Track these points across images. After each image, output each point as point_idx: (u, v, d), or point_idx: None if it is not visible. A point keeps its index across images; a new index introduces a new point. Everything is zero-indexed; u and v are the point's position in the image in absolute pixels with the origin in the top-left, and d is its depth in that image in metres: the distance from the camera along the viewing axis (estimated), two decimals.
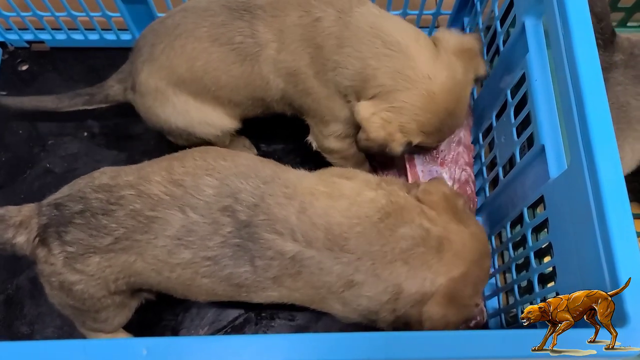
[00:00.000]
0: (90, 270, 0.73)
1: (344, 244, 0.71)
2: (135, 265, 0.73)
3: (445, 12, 1.13)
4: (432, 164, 1.00)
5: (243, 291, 0.75)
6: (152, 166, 0.77)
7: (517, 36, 0.83)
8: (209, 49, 0.86)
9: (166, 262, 0.72)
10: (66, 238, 0.72)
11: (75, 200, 0.74)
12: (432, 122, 0.83)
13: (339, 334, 0.52)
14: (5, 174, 1.08)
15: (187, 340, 0.53)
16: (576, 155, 0.63)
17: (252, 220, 0.71)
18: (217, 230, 0.71)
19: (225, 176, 0.74)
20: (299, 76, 0.86)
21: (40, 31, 1.16)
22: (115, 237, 0.71)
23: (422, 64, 0.81)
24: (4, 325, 0.97)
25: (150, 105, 0.92)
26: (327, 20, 0.83)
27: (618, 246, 0.56)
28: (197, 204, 0.72)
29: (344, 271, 0.71)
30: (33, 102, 1.04)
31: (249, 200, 0.72)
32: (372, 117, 0.82)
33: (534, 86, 0.77)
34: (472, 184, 1.01)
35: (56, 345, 0.51)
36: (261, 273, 0.72)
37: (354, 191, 0.76)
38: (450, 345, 0.53)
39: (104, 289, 0.75)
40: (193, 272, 0.72)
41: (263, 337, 0.53)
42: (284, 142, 1.11)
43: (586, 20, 0.65)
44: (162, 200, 0.72)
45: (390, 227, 0.72)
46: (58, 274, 0.73)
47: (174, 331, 0.98)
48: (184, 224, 0.71)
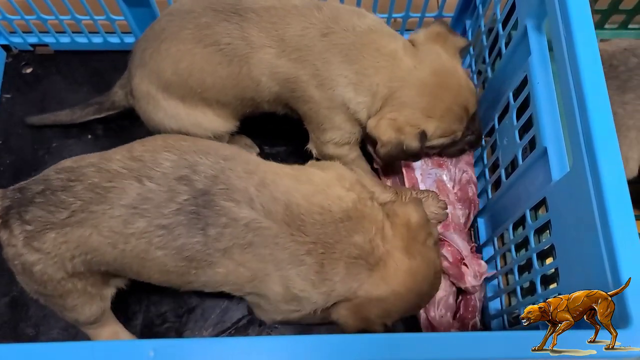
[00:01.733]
0: (46, 248, 0.73)
1: (300, 224, 0.73)
2: (91, 240, 0.73)
3: (448, 15, 1.14)
4: (432, 166, 1.00)
5: (193, 267, 0.75)
6: (116, 149, 0.78)
7: (519, 39, 0.83)
8: (193, 50, 0.87)
9: (121, 233, 0.72)
10: (26, 217, 0.73)
11: (38, 182, 0.75)
12: (435, 104, 0.86)
13: (342, 335, 0.53)
14: (9, 177, 1.09)
15: (193, 342, 0.54)
16: (578, 158, 0.63)
17: (210, 189, 0.72)
18: (172, 197, 0.72)
19: (185, 152, 0.75)
20: (298, 84, 0.87)
21: (44, 34, 1.16)
22: (72, 211, 0.72)
23: (406, 61, 0.85)
24: (9, 327, 0.98)
25: (145, 110, 0.94)
26: (334, 36, 0.84)
27: (620, 248, 0.56)
28: (154, 175, 0.73)
29: (298, 250, 0.73)
30: (51, 117, 1.10)
31: (207, 172, 0.73)
32: (379, 122, 0.85)
33: (536, 89, 0.77)
34: (473, 185, 1.01)
35: (64, 347, 0.51)
36: (212, 244, 0.72)
37: (324, 182, 0.78)
38: (452, 346, 0.53)
39: (61, 269, 0.75)
40: (147, 242, 0.72)
41: (269, 338, 0.53)
42: (287, 144, 1.11)
43: (588, 23, 0.66)
44: (119, 173, 0.73)
45: (347, 229, 0.74)
46: (19, 255, 0.74)
47: (177, 333, 0.98)
48: (139, 192, 0.72)
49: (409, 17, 1.12)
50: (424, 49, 0.87)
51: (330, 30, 0.84)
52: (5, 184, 1.07)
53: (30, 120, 1.11)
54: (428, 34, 0.89)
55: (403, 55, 0.86)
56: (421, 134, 0.85)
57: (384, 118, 0.85)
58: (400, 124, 0.85)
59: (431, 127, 0.86)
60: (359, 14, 0.87)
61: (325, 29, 0.84)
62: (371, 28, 0.86)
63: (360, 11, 0.88)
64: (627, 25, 1.21)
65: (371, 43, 0.85)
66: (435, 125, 0.87)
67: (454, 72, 0.88)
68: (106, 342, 0.52)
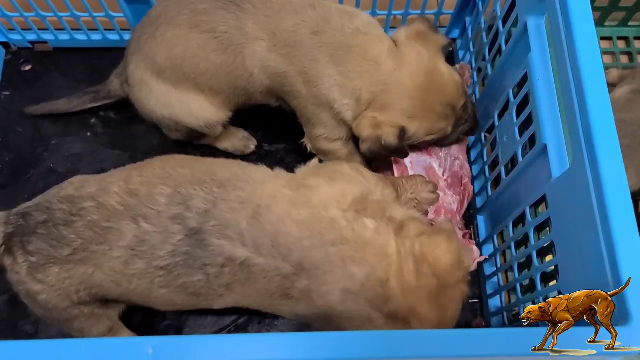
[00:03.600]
0: (50, 281, 0.73)
1: (286, 254, 0.69)
2: (94, 277, 0.73)
3: (447, 12, 1.14)
4: (421, 154, 1.00)
5: (202, 299, 0.74)
6: (114, 176, 0.76)
7: (519, 36, 0.83)
8: (188, 36, 0.87)
9: (123, 274, 0.72)
10: (29, 248, 0.72)
11: (41, 210, 0.74)
12: (416, 105, 0.86)
13: (343, 332, 0.52)
14: (9, 174, 1.09)
15: (193, 339, 0.53)
16: (578, 155, 0.63)
17: (202, 227, 0.70)
18: (167, 239, 0.70)
19: (179, 184, 0.73)
20: (287, 79, 0.87)
21: (44, 31, 1.16)
22: (74, 248, 0.72)
23: (388, 64, 0.85)
24: (8, 324, 0.98)
25: (138, 97, 0.94)
26: (324, 35, 0.84)
27: (620, 245, 0.56)
28: (149, 214, 0.71)
29: (282, 283, 0.70)
30: (48, 106, 1.11)
31: (199, 207, 0.71)
32: (360, 121, 0.86)
33: (536, 85, 0.77)
34: (466, 171, 1.01)
35: (63, 344, 0.51)
36: (214, 281, 0.71)
37: (322, 202, 0.71)
38: (451, 343, 0.53)
39: (66, 299, 0.75)
40: (149, 282, 0.72)
41: (268, 335, 0.53)
42: (286, 141, 1.11)
43: (589, 20, 0.65)
44: (117, 211, 0.72)
45: (342, 257, 0.68)
46: (23, 283, 0.74)
47: (177, 330, 0.98)
48: (136, 234, 0.71)
49: (408, 14, 1.12)
50: (405, 50, 0.87)
51: (320, 29, 0.84)
52: (5, 181, 1.08)
53: (27, 110, 1.11)
54: (409, 33, 0.89)
55: (386, 58, 0.85)
56: (400, 132, 0.86)
57: (365, 117, 0.86)
58: (380, 121, 0.85)
59: (413, 126, 0.87)
60: (350, 15, 0.87)
61: (316, 27, 0.84)
62: (360, 30, 0.86)
63: (353, 12, 0.88)
64: (627, 23, 1.21)
65: (357, 46, 0.85)
66: (417, 125, 0.87)
67: (435, 71, 0.87)
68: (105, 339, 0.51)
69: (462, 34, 1.17)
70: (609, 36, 1.22)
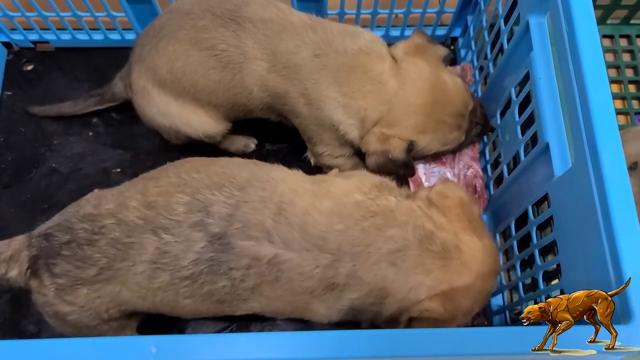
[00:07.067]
0: (80, 302, 0.72)
1: (321, 243, 0.69)
2: (122, 295, 0.73)
3: (449, 10, 1.13)
4: (434, 164, 1.00)
5: (226, 306, 0.74)
6: (130, 190, 0.75)
7: (521, 34, 0.83)
8: (188, 52, 0.87)
9: (148, 288, 0.72)
10: (55, 270, 0.72)
11: (63, 230, 0.73)
12: (424, 120, 0.86)
13: (345, 331, 0.52)
14: (11, 174, 1.09)
15: (196, 338, 0.54)
16: (580, 153, 0.63)
17: (226, 230, 0.69)
18: (189, 247, 0.70)
19: (197, 190, 0.72)
20: (287, 99, 0.87)
21: (45, 31, 1.16)
22: (100, 268, 0.71)
23: (392, 83, 0.84)
24: (11, 323, 0.98)
25: (140, 104, 0.95)
26: (325, 58, 0.84)
27: (623, 243, 0.56)
28: (169, 225, 0.70)
29: (324, 274, 0.69)
30: (55, 109, 1.11)
31: (221, 212, 0.70)
32: (367, 136, 0.86)
33: (538, 84, 0.77)
34: (480, 180, 1.00)
35: (66, 343, 0.51)
36: (239, 285, 0.70)
37: (343, 191, 0.74)
38: (454, 342, 0.53)
39: (97, 318, 0.75)
40: (174, 294, 0.72)
41: (271, 334, 0.53)
42: (289, 141, 1.11)
43: (590, 18, 0.65)
44: (137, 225, 0.71)
45: (377, 227, 0.70)
46: (51, 305, 0.73)
47: (179, 329, 0.98)
48: (157, 247, 0.70)
49: (410, 13, 1.12)
50: (406, 66, 0.86)
51: (322, 52, 0.84)
52: (8, 180, 1.09)
53: (32, 109, 1.11)
54: (407, 47, 0.88)
55: (388, 77, 0.85)
56: (408, 145, 0.85)
57: (373, 133, 0.85)
58: (388, 135, 0.85)
59: (423, 140, 0.87)
60: (352, 35, 0.86)
61: (318, 50, 0.84)
62: (362, 49, 0.85)
63: (354, 31, 0.88)
64: (629, 21, 1.21)
65: (359, 66, 0.84)
66: (429, 138, 0.87)
67: (439, 85, 0.87)
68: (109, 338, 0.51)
69: (464, 32, 1.17)
70: (611, 34, 1.22)
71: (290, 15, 0.87)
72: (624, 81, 1.18)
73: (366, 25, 1.16)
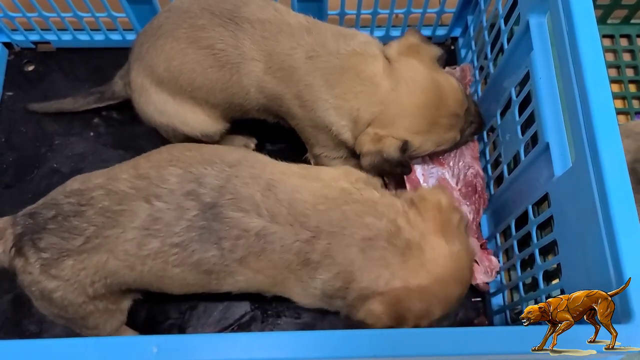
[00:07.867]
0: (65, 275, 0.72)
1: (303, 220, 0.71)
2: (109, 265, 0.73)
3: (449, 10, 1.14)
4: (432, 165, 0.99)
5: (213, 278, 0.75)
6: (121, 166, 0.77)
7: (521, 34, 0.83)
8: (186, 50, 0.87)
9: (137, 256, 0.72)
10: (40, 245, 0.72)
11: (48, 207, 0.74)
12: (418, 121, 0.85)
13: (345, 331, 0.53)
14: (12, 174, 1.09)
15: (197, 338, 0.54)
16: (581, 153, 0.63)
17: (217, 201, 0.71)
18: (182, 215, 0.71)
19: (189, 164, 0.74)
20: (283, 101, 0.87)
21: (46, 32, 1.16)
22: (86, 237, 0.71)
23: (384, 84, 0.84)
24: (12, 323, 0.98)
25: (138, 102, 0.95)
26: (318, 60, 0.84)
27: (623, 243, 0.56)
28: (162, 192, 0.72)
29: (302, 248, 0.71)
30: (55, 105, 1.11)
31: (213, 183, 0.72)
32: (361, 137, 0.85)
33: (538, 84, 0.77)
34: (480, 179, 0.99)
35: (68, 343, 0.51)
36: (228, 255, 0.72)
37: (331, 177, 0.77)
38: (454, 341, 0.53)
39: (82, 294, 0.74)
40: (163, 261, 0.72)
41: (272, 334, 0.53)
42: (289, 141, 1.11)
43: (591, 18, 0.66)
44: (127, 194, 0.72)
45: (357, 212, 0.72)
46: (37, 283, 0.73)
47: (180, 329, 0.99)
48: (149, 213, 0.71)
49: (410, 13, 1.12)
50: (399, 66, 0.85)
51: (315, 54, 0.84)
52: (9, 181, 1.09)
53: (32, 107, 1.12)
54: (400, 47, 0.87)
55: (381, 78, 0.84)
56: (403, 145, 0.85)
57: (366, 133, 0.85)
58: (382, 135, 0.84)
59: (417, 141, 0.86)
60: (346, 36, 0.86)
61: (312, 52, 0.84)
62: (355, 51, 0.85)
63: (349, 33, 0.87)
64: (630, 20, 1.21)
65: (351, 67, 0.84)
66: (422, 139, 0.86)
67: (433, 86, 0.86)
68: (110, 338, 0.52)
69: (464, 32, 1.17)
70: (611, 34, 1.22)
71: (287, 16, 0.87)
72: (624, 81, 1.18)
73: (366, 26, 1.16)
